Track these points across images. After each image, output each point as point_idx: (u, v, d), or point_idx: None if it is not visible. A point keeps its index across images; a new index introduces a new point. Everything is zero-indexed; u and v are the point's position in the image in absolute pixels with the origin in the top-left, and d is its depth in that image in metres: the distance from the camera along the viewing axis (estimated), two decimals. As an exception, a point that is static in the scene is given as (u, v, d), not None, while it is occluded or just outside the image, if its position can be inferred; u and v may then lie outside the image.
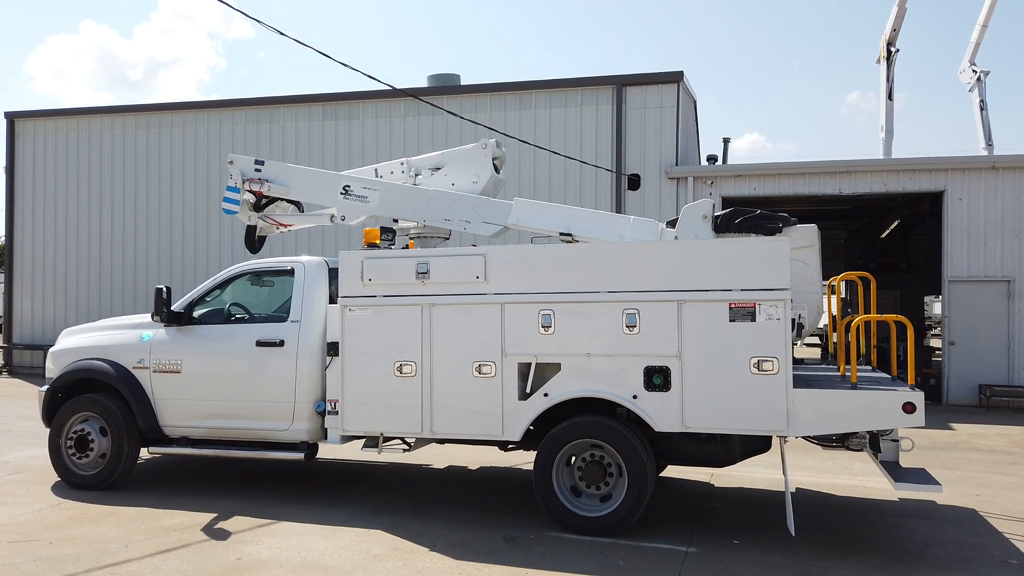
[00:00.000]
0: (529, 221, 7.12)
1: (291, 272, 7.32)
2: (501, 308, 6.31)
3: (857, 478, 8.35)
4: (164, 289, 7.29)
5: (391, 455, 6.88)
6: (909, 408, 5.48)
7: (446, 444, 7.00)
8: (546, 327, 6.20)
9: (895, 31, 22.94)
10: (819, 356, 25.24)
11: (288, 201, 8.24)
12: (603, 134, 15.95)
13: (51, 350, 7.99)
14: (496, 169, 7.63)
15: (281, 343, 7.07)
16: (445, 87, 17.33)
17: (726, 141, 18.19)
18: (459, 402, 6.40)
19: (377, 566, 5.38)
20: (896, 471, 5.97)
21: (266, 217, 8.07)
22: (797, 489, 7.82)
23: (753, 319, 5.75)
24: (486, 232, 7.24)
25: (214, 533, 6.10)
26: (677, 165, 15.65)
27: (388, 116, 17.00)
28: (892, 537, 6.25)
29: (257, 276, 7.59)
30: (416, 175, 7.78)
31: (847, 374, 7.00)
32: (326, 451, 8.27)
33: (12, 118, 19.55)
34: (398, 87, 16.91)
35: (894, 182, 14.88)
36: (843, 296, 28.25)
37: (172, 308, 7.45)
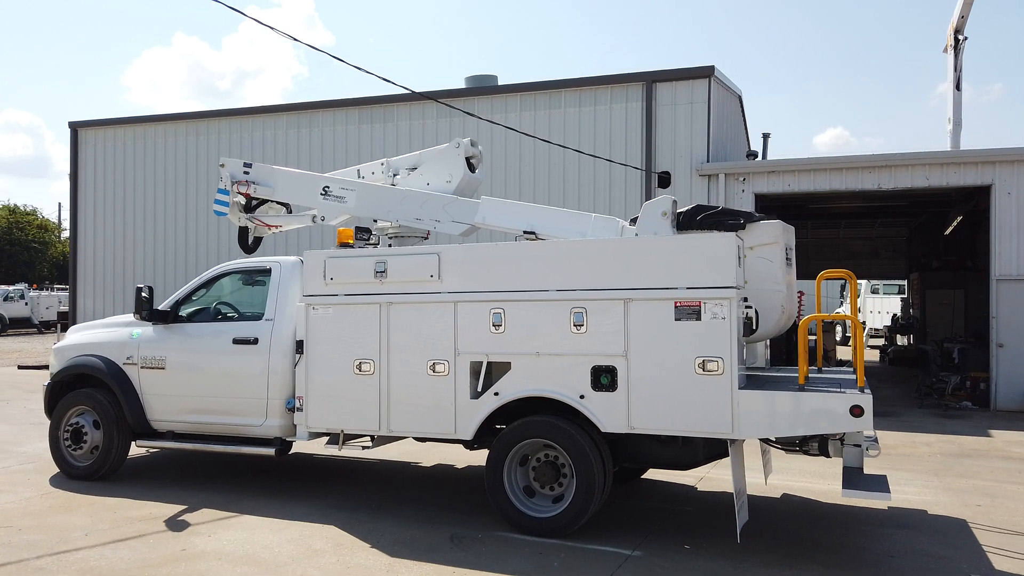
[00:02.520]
0: (495, 220, 7.10)
1: (268, 272, 7.50)
2: (454, 307, 6.31)
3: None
4: (145, 288, 7.58)
5: (353, 451, 6.94)
6: (857, 411, 5.23)
7: (440, 444, 7.01)
8: (497, 326, 6.17)
9: (963, 18, 21.85)
10: (878, 359, 24.36)
11: (279, 203, 8.43)
12: (633, 131, 15.73)
13: (54, 346, 8.40)
14: (471, 168, 7.63)
15: (255, 341, 7.25)
16: (476, 88, 17.43)
17: (765, 137, 17.70)
18: (414, 400, 6.44)
19: (311, 560, 5.46)
20: (854, 477, 5.70)
21: (254, 218, 8.28)
22: (784, 495, 7.55)
23: (698, 318, 5.58)
24: (455, 231, 7.25)
25: (175, 524, 6.30)
26: (708, 162, 15.30)
27: (421, 119, 17.19)
28: (858, 547, 5.97)
29: (239, 275, 7.80)
30: (394, 175, 7.86)
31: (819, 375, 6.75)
32: (317, 447, 8.41)
33: (75, 128, 20.61)
34: (429, 90, 17.12)
35: (938, 176, 14.16)
36: (905, 296, 27.19)
37: (160, 307, 7.74)
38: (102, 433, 7.72)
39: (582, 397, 5.90)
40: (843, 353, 26.97)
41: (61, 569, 5.25)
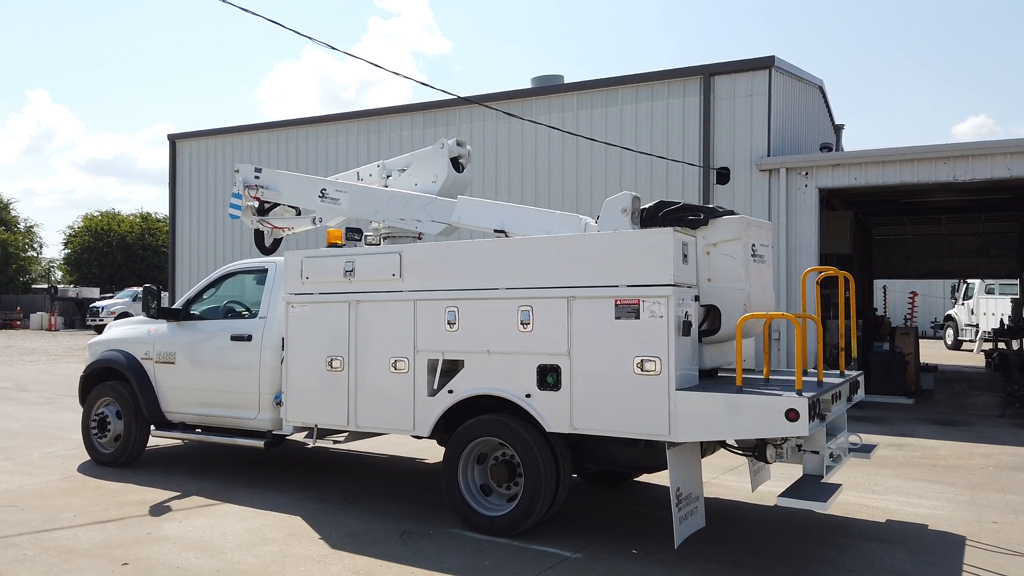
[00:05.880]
0: (470, 219, 7.13)
1: (266, 271, 7.84)
2: (414, 305, 6.40)
3: (869, 495, 7.52)
4: (153, 288, 8.07)
5: (325, 444, 7.17)
6: (792, 415, 4.93)
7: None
8: (451, 324, 6.21)
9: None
10: (984, 364, 22.50)
11: (290, 206, 8.77)
12: (690, 127, 15.32)
13: (89, 341, 9.08)
14: (458, 168, 7.70)
15: (249, 338, 7.60)
16: (536, 89, 17.44)
17: (838, 128, 16.70)
18: (378, 396, 6.57)
19: (256, 548, 5.68)
20: (804, 485, 5.38)
21: (264, 221, 8.66)
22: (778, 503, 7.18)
23: (637, 316, 5.43)
24: (434, 231, 7.34)
25: (157, 510, 6.69)
26: (769, 156, 14.69)
27: (481, 121, 17.37)
28: (820, 559, 5.62)
29: (242, 275, 8.19)
30: (387, 176, 8.04)
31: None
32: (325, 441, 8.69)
33: (173, 139, 22.10)
34: (497, 91, 17.22)
35: (1020, 165, 13.02)
36: (1016, 297, 24.94)
37: (173, 305, 8.24)
38: (123, 423, 8.29)
39: (528, 396, 5.86)
40: (953, 358, 25.19)
41: (31, 545, 5.70)
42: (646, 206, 6.29)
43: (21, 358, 23.67)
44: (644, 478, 7.79)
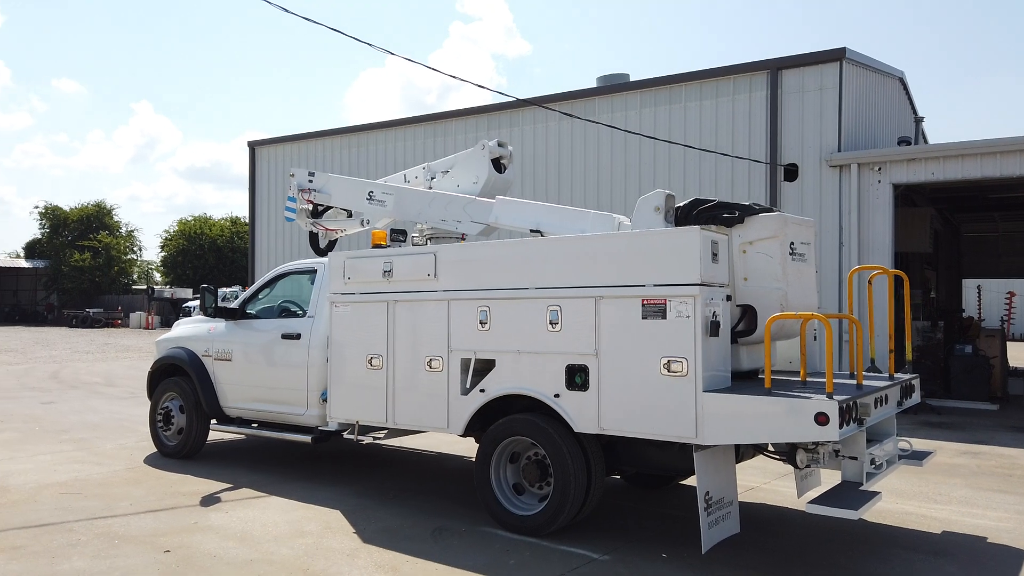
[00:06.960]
0: (507, 219, 7.16)
1: (316, 272, 8.07)
2: (448, 305, 6.46)
3: (929, 505, 7.19)
4: (210, 288, 8.40)
5: (366, 439, 7.31)
6: (822, 419, 4.75)
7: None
8: (483, 323, 6.25)
9: None
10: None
11: (341, 208, 8.99)
12: (757, 123, 14.93)
13: (156, 339, 9.52)
14: (499, 169, 7.75)
15: (298, 336, 7.83)
16: (598, 88, 17.32)
17: (918, 121, 15.96)
18: (414, 394, 6.66)
19: (291, 540, 5.85)
20: (837, 493, 5.19)
21: (317, 223, 8.90)
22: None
23: (664, 316, 5.34)
24: (473, 231, 7.40)
25: (208, 500, 6.97)
26: (840, 151, 14.17)
27: (544, 123, 17.37)
28: (861, 570, 5.40)
29: (295, 275, 8.44)
30: (432, 178, 8.15)
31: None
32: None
33: (253, 146, 22.93)
34: (561, 92, 17.20)
35: (1115, 156, 12.17)
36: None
37: (231, 305, 8.56)
38: (185, 417, 8.67)
39: (557, 396, 5.84)
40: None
41: (86, 531, 6.03)
42: (680, 204, 6.19)
43: (116, 355, 25.02)
44: (688, 480, 7.64)
